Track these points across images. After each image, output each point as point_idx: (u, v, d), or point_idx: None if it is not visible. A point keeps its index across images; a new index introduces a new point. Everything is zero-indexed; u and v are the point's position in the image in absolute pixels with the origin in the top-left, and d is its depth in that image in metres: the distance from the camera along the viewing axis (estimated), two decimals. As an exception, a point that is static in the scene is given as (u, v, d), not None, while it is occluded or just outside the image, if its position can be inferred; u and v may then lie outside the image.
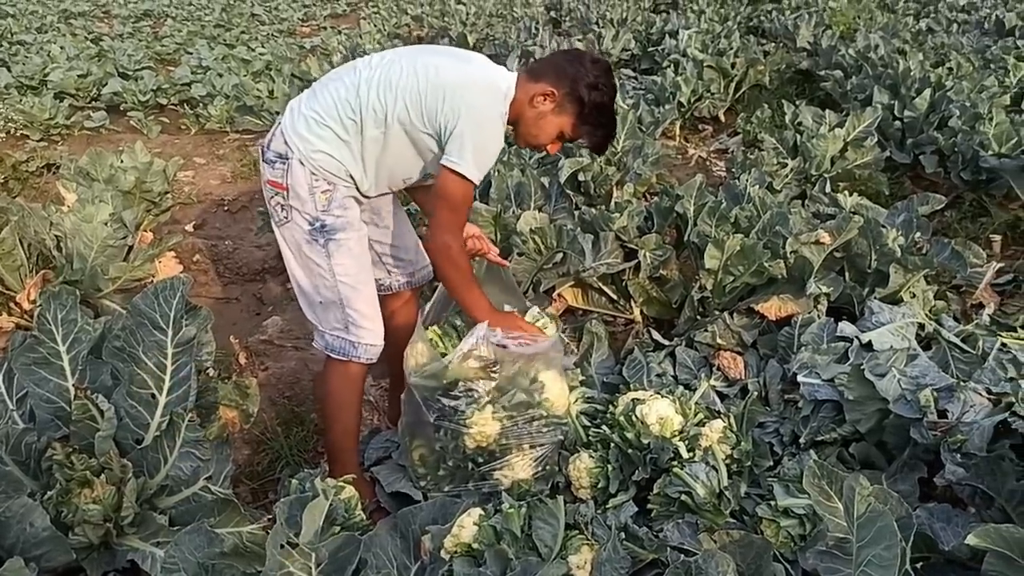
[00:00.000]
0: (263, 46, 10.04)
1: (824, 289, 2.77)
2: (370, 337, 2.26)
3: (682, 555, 1.68)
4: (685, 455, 2.14)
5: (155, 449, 1.96)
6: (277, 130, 2.16)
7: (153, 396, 2.03)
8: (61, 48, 9.21)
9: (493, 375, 2.21)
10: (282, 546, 1.30)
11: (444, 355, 2.28)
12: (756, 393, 2.62)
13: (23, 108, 6.45)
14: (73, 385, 1.97)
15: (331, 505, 2.05)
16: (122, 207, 3.32)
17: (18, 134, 6.45)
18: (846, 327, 2.62)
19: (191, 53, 9.45)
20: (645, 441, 2.22)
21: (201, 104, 7.08)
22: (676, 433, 2.30)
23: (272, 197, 2.17)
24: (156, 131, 6.71)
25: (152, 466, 1.97)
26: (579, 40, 7.87)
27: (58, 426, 1.97)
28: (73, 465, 1.87)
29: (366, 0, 15.77)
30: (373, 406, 2.87)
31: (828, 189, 3.27)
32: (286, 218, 2.16)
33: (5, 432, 1.85)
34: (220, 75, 7.79)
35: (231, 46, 10.05)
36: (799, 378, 2.49)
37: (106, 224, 3.23)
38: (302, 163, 2.09)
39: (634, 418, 2.31)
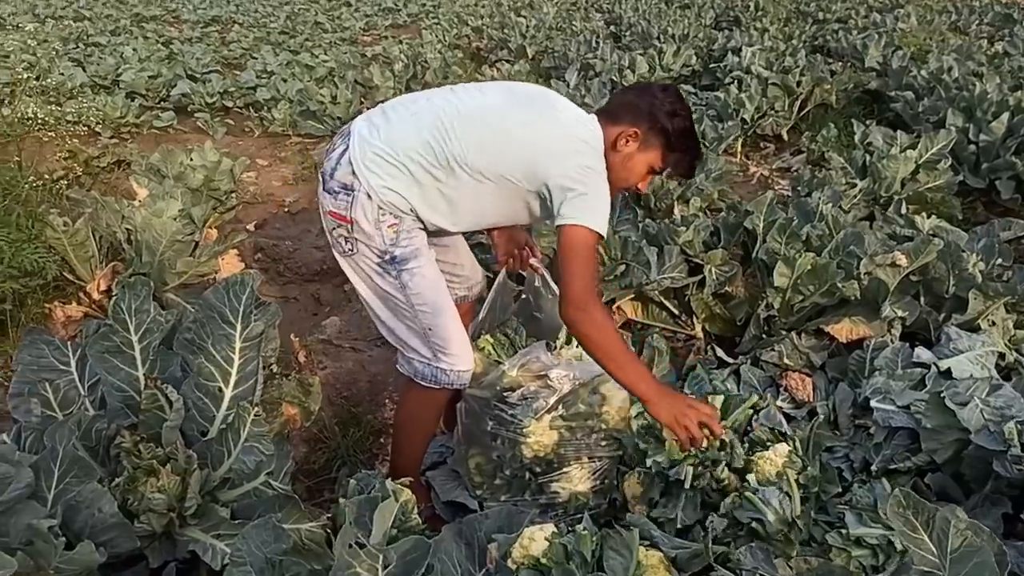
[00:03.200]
0: (326, 53, 10.20)
1: (899, 313, 2.67)
2: (461, 363, 2.16)
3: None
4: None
5: (220, 442, 1.97)
6: (343, 158, 2.03)
7: (220, 389, 2.04)
8: (133, 50, 9.50)
9: (551, 384, 2.18)
10: (350, 546, 1.28)
11: (499, 363, 2.26)
12: (824, 416, 2.54)
13: (96, 106, 6.65)
14: (144, 375, 1.99)
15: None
16: (191, 204, 3.39)
17: (91, 131, 6.65)
18: (923, 353, 2.52)
19: (256, 58, 9.64)
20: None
21: (265, 107, 7.22)
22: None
23: (334, 229, 2.08)
24: (221, 132, 6.85)
25: (216, 458, 1.98)
26: (640, 55, 7.82)
27: (127, 414, 1.99)
28: (140, 454, 1.89)
29: (427, 12, 15.96)
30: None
31: (903, 211, 3.16)
32: (351, 250, 2.08)
33: (77, 419, 1.87)
34: (284, 80, 7.93)
35: (295, 52, 10.24)
36: (872, 403, 2.39)
37: (175, 220, 3.29)
38: (369, 196, 2.00)
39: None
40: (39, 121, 6.50)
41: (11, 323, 3.00)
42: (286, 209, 5.13)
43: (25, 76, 7.93)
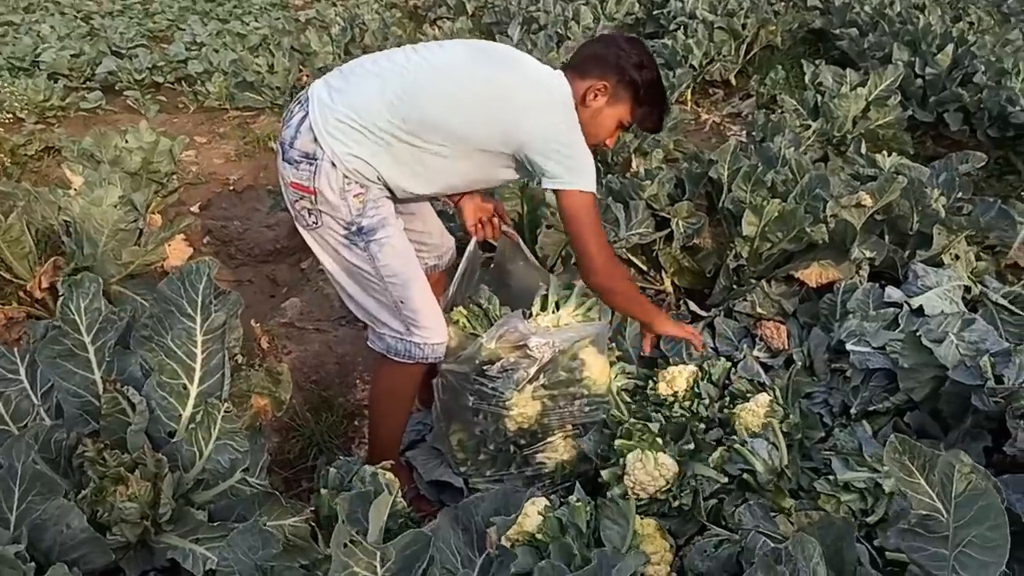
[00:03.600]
0: (257, 20, 9.78)
1: (867, 254, 2.67)
2: (435, 335, 2.10)
3: (763, 538, 1.60)
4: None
5: (189, 442, 1.87)
6: (303, 125, 1.94)
7: (184, 387, 1.94)
8: (51, 28, 8.98)
9: (531, 354, 2.12)
10: (346, 545, 1.22)
11: (475, 336, 2.19)
12: (800, 363, 2.54)
13: (16, 90, 6.27)
14: (101, 377, 1.87)
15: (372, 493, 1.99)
16: (131, 189, 3.20)
17: (14, 117, 6.28)
18: (893, 292, 2.53)
19: (184, 29, 9.19)
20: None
21: (198, 81, 6.90)
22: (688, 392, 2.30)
23: (297, 201, 1.99)
24: (154, 110, 6.54)
25: (187, 460, 1.88)
26: (584, 4, 7.67)
27: (87, 421, 1.88)
28: (106, 462, 1.78)
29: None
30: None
31: (862, 150, 3.16)
32: (315, 223, 2.00)
33: (34, 431, 1.75)
34: (216, 51, 7.59)
35: (224, 21, 9.80)
36: (848, 346, 2.40)
37: (116, 207, 3.11)
38: (334, 164, 1.91)
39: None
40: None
41: (-53, 331, 2.82)
42: (231, 187, 4.93)
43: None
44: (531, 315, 2.24)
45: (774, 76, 5.64)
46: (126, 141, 3.76)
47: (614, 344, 2.63)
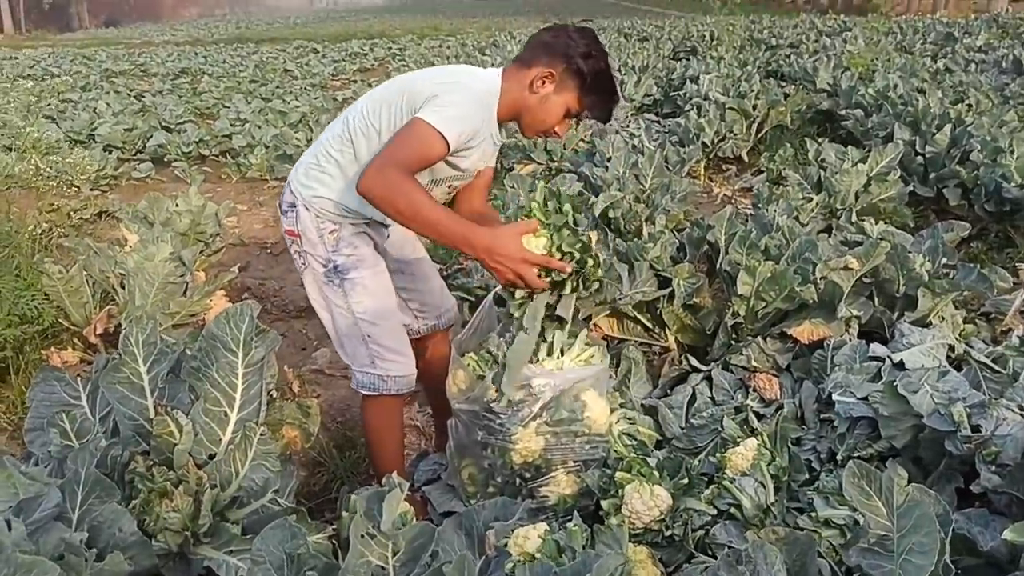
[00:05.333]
0: (297, 99, 10.44)
1: (855, 312, 2.86)
2: (398, 368, 2.34)
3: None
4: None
5: (227, 463, 2.09)
6: (287, 183, 2.31)
7: (225, 414, 2.17)
8: (107, 104, 9.67)
9: (534, 393, 2.33)
10: (362, 536, 1.42)
11: (483, 378, 2.41)
12: (791, 412, 2.71)
13: (74, 161, 6.78)
14: (153, 403, 2.11)
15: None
16: (180, 247, 3.53)
17: (70, 185, 6.77)
18: (878, 348, 2.71)
19: (228, 107, 9.85)
20: None
21: (241, 154, 7.40)
22: None
23: (291, 246, 2.32)
24: (199, 180, 6.95)
25: (225, 479, 2.10)
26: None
27: (139, 441, 2.11)
28: (154, 477, 2.01)
29: (392, 55, 16.32)
30: (420, 431, 3.00)
31: (854, 219, 3.39)
32: (304, 264, 2.30)
33: (94, 446, 1.99)
34: (258, 127, 8.12)
35: (267, 99, 10.47)
36: (834, 397, 2.57)
37: (166, 263, 3.42)
38: (307, 208, 2.22)
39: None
40: (17, 178, 6.63)
41: (11, 370, 3.10)
42: (268, 250, 5.27)
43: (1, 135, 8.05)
44: (537, 360, 2.46)
45: (783, 153, 5.94)
46: (176, 205, 4.11)
47: (618, 393, 2.83)
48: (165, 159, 7.57)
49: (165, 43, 28.40)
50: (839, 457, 2.50)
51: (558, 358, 2.49)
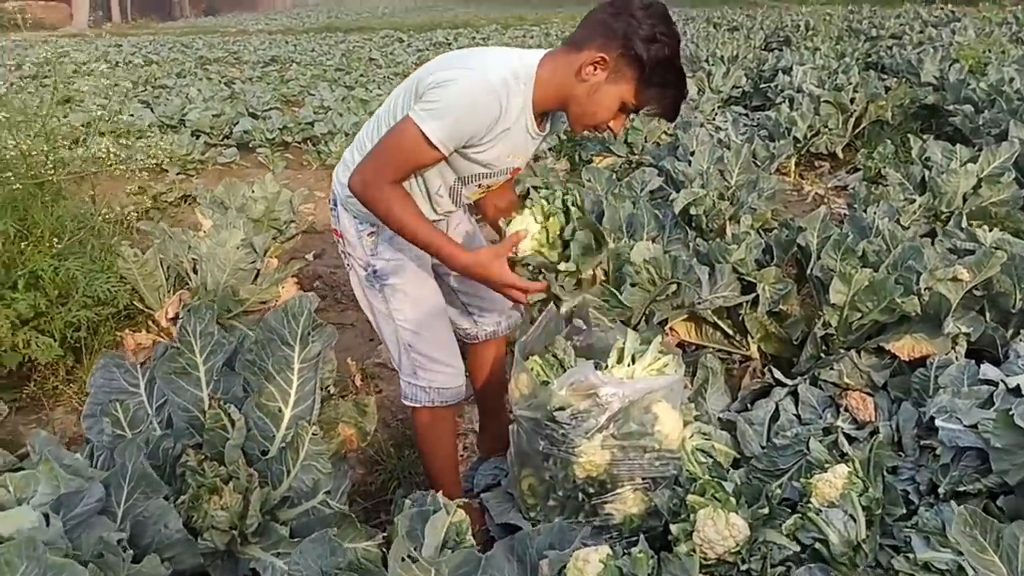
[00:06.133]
0: (380, 88, 10.51)
1: (963, 329, 2.59)
2: (442, 380, 2.20)
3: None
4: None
5: (279, 461, 2.02)
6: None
7: (280, 409, 2.10)
8: (198, 91, 9.95)
9: (600, 403, 2.17)
10: (403, 559, 1.30)
11: (547, 383, 2.26)
12: (887, 437, 2.47)
13: (164, 144, 6.96)
14: (208, 395, 2.06)
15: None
16: (252, 233, 3.51)
17: (159, 168, 6.97)
18: (989, 370, 2.43)
19: (313, 95, 9.99)
20: None
21: (322, 141, 7.46)
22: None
23: (337, 243, 2.21)
24: (281, 166, 7.09)
25: (276, 477, 2.03)
26: (689, 77, 7.82)
27: (192, 434, 2.07)
28: (204, 472, 1.95)
29: (476, 45, 16.29)
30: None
31: (963, 224, 3.08)
32: (348, 265, 2.20)
33: (145, 437, 1.95)
34: (340, 115, 8.18)
35: (350, 88, 10.58)
36: (938, 422, 2.32)
37: (238, 248, 3.41)
38: (345, 208, 2.10)
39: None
40: (111, 159, 6.84)
41: (86, 350, 3.14)
42: (342, 238, 5.26)
43: (98, 117, 8.37)
44: (606, 367, 2.30)
45: (882, 150, 5.56)
46: (252, 191, 4.12)
47: (692, 404, 2.64)
48: (250, 145, 7.71)
49: (259, 32, 29.27)
50: (941, 491, 2.25)
51: (628, 366, 2.33)
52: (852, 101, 6.24)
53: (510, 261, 1.97)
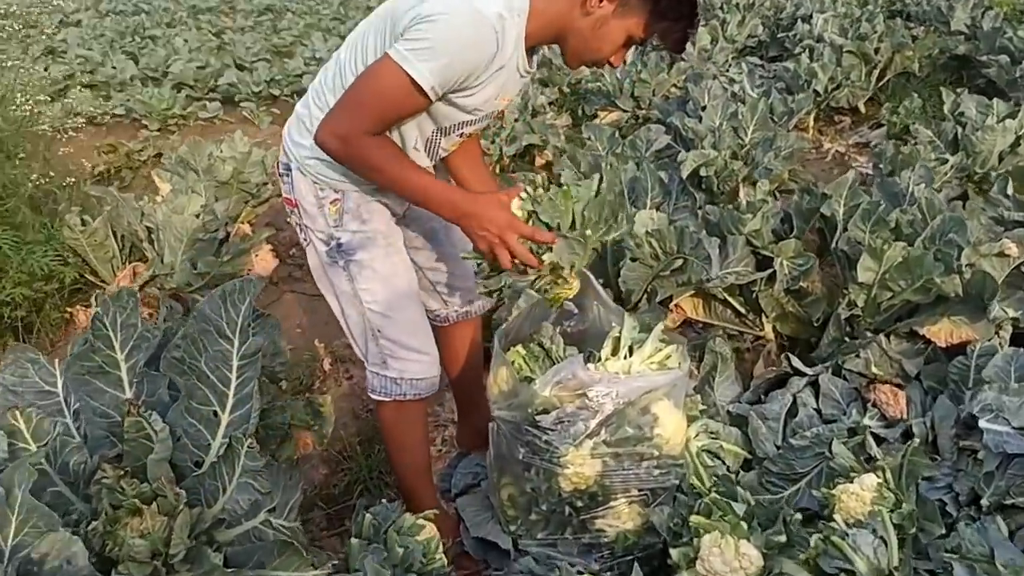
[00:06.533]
0: (376, 38, 10.02)
1: (1011, 313, 2.25)
2: (415, 369, 1.93)
3: None
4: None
5: (213, 475, 1.73)
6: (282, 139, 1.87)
7: (215, 413, 1.79)
8: (184, 41, 9.48)
9: (591, 405, 1.87)
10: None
11: (531, 380, 1.95)
12: (920, 437, 2.16)
13: (143, 99, 6.58)
14: (127, 400, 1.76)
15: (407, 549, 1.79)
16: (214, 199, 3.18)
17: (139, 124, 6.60)
18: (1042, 361, 2.11)
19: (306, 45, 9.51)
20: None
21: (311, 95, 7.06)
22: None
23: (291, 216, 1.90)
24: (267, 122, 6.71)
25: (210, 494, 1.74)
26: (702, 25, 7.34)
27: (113, 443, 1.78)
28: (124, 491, 1.66)
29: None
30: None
31: (1009, 190, 2.72)
32: (305, 240, 1.88)
33: (53, 447, 1.66)
34: (331, 66, 7.75)
35: (344, 37, 10.09)
36: (981, 423, 2.00)
37: (198, 216, 3.09)
38: (302, 172, 1.78)
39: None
40: (87, 115, 6.48)
41: (26, 331, 2.84)
42: (327, 200, 4.92)
43: (79, 70, 7.97)
44: (599, 360, 1.99)
45: (908, 105, 5.13)
46: (220, 150, 3.77)
47: (698, 396, 2.34)
48: (235, 99, 7.30)
49: (257, -19, 28.38)
50: (984, 502, 1.95)
51: (625, 358, 2.01)
52: (876, 51, 5.78)
53: None
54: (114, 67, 8.14)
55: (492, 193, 1.79)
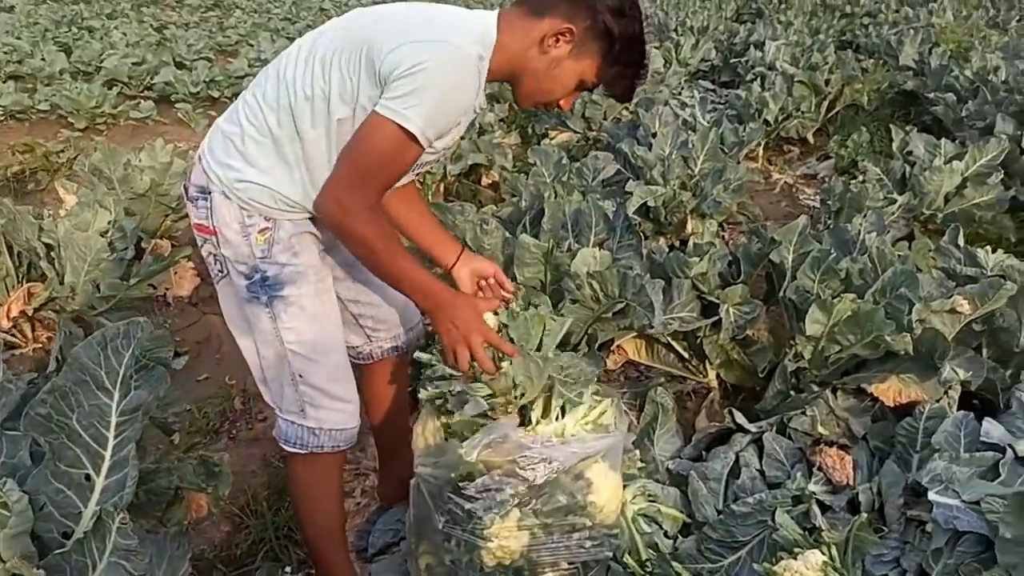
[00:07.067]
0: (326, 41, 9.76)
1: (962, 374, 2.16)
2: (335, 419, 1.75)
3: None
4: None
5: (81, 552, 1.50)
6: (197, 154, 1.69)
7: (88, 477, 1.56)
8: (123, 35, 9.09)
9: (521, 473, 1.70)
10: None
11: (461, 437, 1.78)
12: (867, 508, 2.05)
13: (70, 94, 6.21)
14: (-19, 464, 1.52)
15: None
16: (124, 215, 2.92)
17: (64, 122, 6.22)
18: (993, 429, 2.01)
19: (252, 45, 9.20)
20: None
21: (253, 98, 6.77)
22: None
23: (203, 245, 1.69)
24: (203, 124, 6.40)
25: (77, 572, 1.51)
26: (655, 47, 7.29)
27: (-37, 511, 1.53)
28: (-31, 573, 1.42)
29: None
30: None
31: (960, 240, 2.65)
32: (221, 271, 1.68)
33: None
34: (276, 69, 7.48)
35: (292, 39, 9.80)
36: (931, 495, 1.88)
37: (104, 234, 2.83)
38: (227, 196, 1.60)
39: None
40: (7, 110, 6.09)
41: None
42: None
43: (4, 60, 7.52)
44: (530, 422, 1.82)
45: (857, 138, 5.14)
46: (139, 159, 3.50)
47: (637, 452, 2.19)
48: (172, 98, 6.96)
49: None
50: (933, 582, 1.84)
51: (557, 419, 1.85)
52: (827, 83, 5.80)
53: None
54: (43, 59, 7.71)
55: (470, 297, 1.84)
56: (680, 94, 5.98)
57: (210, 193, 1.62)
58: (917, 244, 3.34)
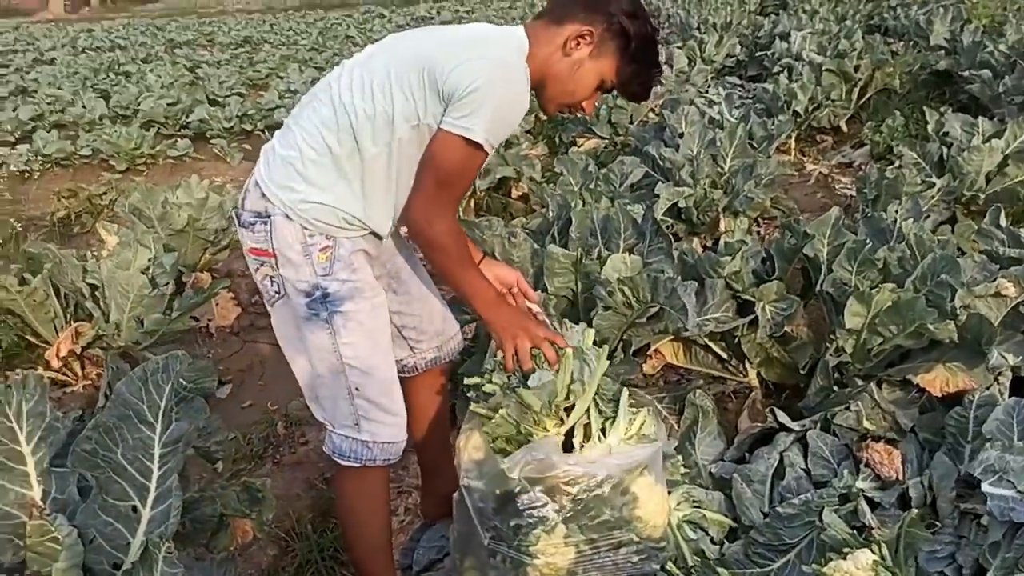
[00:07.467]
0: (352, 67, 9.91)
1: (1011, 359, 2.09)
2: (387, 433, 1.79)
3: None
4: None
5: (131, 582, 1.54)
6: (251, 182, 1.74)
7: (135, 509, 1.61)
8: (158, 77, 9.35)
9: (566, 489, 1.69)
10: None
11: (503, 452, 1.77)
12: (918, 499, 1.98)
13: (109, 138, 6.41)
14: (28, 502, 1.57)
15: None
16: (164, 251, 3.00)
17: (105, 165, 6.43)
18: (1048, 414, 1.94)
19: (282, 77, 9.40)
20: None
21: (284, 129, 6.91)
22: None
23: (258, 269, 1.74)
24: (238, 158, 6.55)
25: (129, 603, 1.55)
26: (678, 47, 7.25)
27: (19, 547, 1.58)
28: (25, 609, 1.47)
29: (459, 18, 15.61)
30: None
31: (1002, 221, 2.57)
32: (278, 292, 1.73)
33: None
34: (305, 98, 7.62)
35: (320, 69, 9.97)
36: (984, 487, 1.82)
37: (145, 271, 2.91)
38: (289, 217, 1.66)
39: None
40: (51, 158, 6.31)
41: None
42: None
43: (48, 109, 7.80)
44: (573, 448, 1.80)
45: (891, 123, 5.03)
46: (176, 196, 3.60)
47: (679, 456, 2.16)
48: (207, 135, 7.14)
49: (239, 11, 28.45)
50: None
51: (600, 440, 1.82)
52: (856, 69, 5.69)
53: None
54: (84, 106, 7.99)
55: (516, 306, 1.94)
56: (707, 92, 5.93)
57: (269, 217, 1.68)
58: (960, 227, 3.24)
